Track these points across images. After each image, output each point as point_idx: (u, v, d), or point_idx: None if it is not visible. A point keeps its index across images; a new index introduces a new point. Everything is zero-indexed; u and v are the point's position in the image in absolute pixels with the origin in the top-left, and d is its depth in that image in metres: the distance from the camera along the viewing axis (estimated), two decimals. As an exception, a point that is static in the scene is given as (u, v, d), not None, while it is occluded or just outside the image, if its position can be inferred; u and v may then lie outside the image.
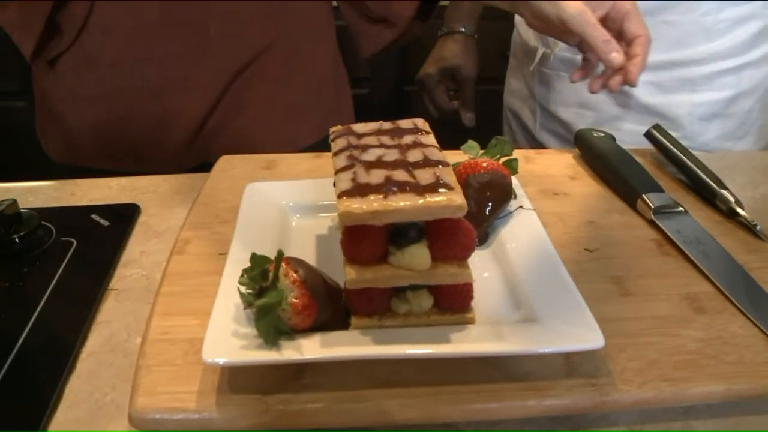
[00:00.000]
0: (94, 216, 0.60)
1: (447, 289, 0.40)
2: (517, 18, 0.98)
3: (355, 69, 0.99)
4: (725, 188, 0.59)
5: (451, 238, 0.39)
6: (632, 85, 0.61)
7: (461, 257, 0.39)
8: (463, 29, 1.04)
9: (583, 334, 0.38)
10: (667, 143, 0.66)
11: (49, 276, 0.52)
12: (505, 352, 0.38)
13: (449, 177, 0.40)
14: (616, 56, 0.60)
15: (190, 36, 0.72)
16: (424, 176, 0.40)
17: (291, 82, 0.80)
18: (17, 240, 0.55)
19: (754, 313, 0.45)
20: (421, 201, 0.37)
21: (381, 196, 0.38)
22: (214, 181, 0.62)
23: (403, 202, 0.37)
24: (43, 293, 0.50)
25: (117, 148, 0.77)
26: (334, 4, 0.86)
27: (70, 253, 0.55)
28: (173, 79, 0.74)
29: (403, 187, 0.38)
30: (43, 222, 0.57)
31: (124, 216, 0.60)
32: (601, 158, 0.63)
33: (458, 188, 0.39)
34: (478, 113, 1.09)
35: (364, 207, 0.37)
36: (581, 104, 0.88)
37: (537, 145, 0.96)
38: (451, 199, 0.37)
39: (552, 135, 0.94)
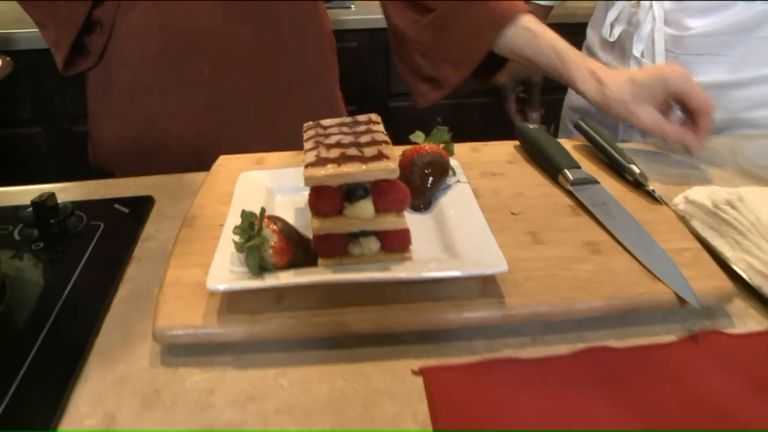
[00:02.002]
0: (116, 205, 0.73)
1: (389, 235, 0.52)
2: (592, 41, 1.10)
3: (349, 87, 1.12)
4: (633, 163, 0.72)
5: (389, 195, 0.51)
6: (692, 154, 0.76)
7: (398, 209, 0.52)
8: None
9: (492, 263, 0.51)
10: (591, 132, 0.79)
11: (83, 250, 0.64)
12: (433, 276, 0.51)
13: (388, 151, 0.52)
14: (693, 147, 0.75)
15: (187, 71, 0.85)
16: (369, 151, 0.53)
17: (281, 120, 0.89)
18: (56, 224, 0.68)
19: (639, 252, 0.58)
20: (364, 167, 0.50)
21: (336, 165, 0.51)
22: (214, 174, 0.75)
23: (351, 168, 0.50)
24: (79, 262, 0.62)
25: (132, 160, 0.91)
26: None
27: (98, 234, 0.67)
28: (172, 108, 0.87)
29: (352, 159, 0.51)
30: (75, 211, 0.70)
31: (141, 205, 0.73)
32: (533, 144, 0.76)
33: (394, 158, 0.51)
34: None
35: (323, 172, 0.50)
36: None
37: None
38: (387, 164, 0.50)
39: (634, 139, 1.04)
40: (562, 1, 1.22)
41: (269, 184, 0.67)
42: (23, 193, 0.72)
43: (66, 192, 0.77)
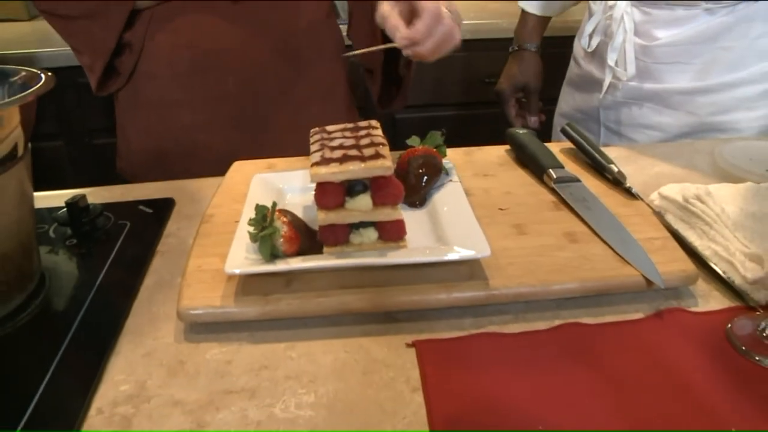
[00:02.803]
0: (141, 206, 0.80)
1: (386, 225, 0.59)
2: (577, 51, 1.17)
3: (357, 99, 1.19)
4: (612, 163, 0.78)
5: (386, 190, 0.58)
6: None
7: (393, 202, 0.58)
8: (529, 46, 1.25)
9: (477, 249, 0.57)
10: (576, 136, 0.85)
11: (112, 246, 0.71)
12: (422, 260, 0.57)
13: (385, 151, 0.59)
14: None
15: (213, 85, 0.92)
16: (368, 152, 0.59)
17: (300, 130, 0.91)
18: (87, 223, 0.75)
19: (613, 241, 0.64)
20: (363, 165, 0.57)
21: (338, 164, 0.57)
22: (230, 179, 0.82)
23: (352, 166, 0.57)
24: (109, 256, 0.69)
25: (159, 169, 0.97)
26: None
27: (125, 232, 0.74)
28: (200, 120, 0.94)
29: (353, 158, 0.58)
30: (104, 212, 0.77)
31: (163, 206, 0.80)
32: (522, 148, 0.83)
33: (389, 157, 0.58)
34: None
35: (327, 170, 0.57)
36: (649, 126, 1.05)
37: None
38: (382, 163, 0.57)
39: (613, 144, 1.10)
40: (559, 13, 1.29)
41: (280, 185, 0.74)
42: (56, 197, 0.79)
43: (95, 195, 0.84)
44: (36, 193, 0.85)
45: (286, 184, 0.74)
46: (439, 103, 1.95)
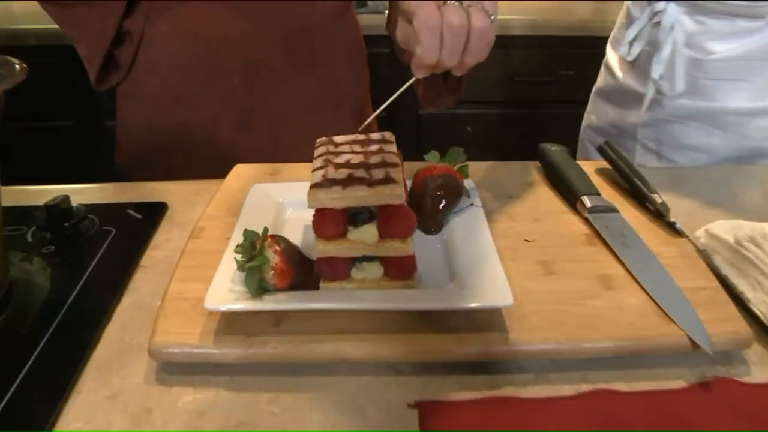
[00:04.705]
0: (130, 211, 0.73)
1: (393, 261, 0.51)
2: (611, 60, 1.06)
3: (379, 94, 1.10)
4: (655, 192, 0.69)
5: (395, 220, 0.50)
6: None
7: (403, 235, 0.51)
8: None
9: (496, 296, 0.49)
10: (614, 156, 0.76)
11: (92, 256, 0.64)
12: (434, 308, 0.50)
13: (396, 174, 0.51)
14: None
15: (216, 82, 0.85)
16: (377, 174, 0.51)
17: (311, 134, 0.85)
18: (68, 227, 0.68)
19: (654, 290, 0.56)
20: (370, 191, 0.49)
21: (341, 187, 0.50)
22: (228, 184, 0.74)
23: (356, 192, 0.49)
24: (87, 268, 0.62)
25: (159, 167, 0.90)
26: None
27: (109, 239, 0.67)
28: (202, 118, 0.87)
29: (359, 181, 0.50)
30: (89, 215, 0.70)
31: (154, 211, 0.73)
32: (553, 167, 0.74)
33: (401, 182, 0.50)
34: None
35: (327, 195, 0.49)
36: (694, 147, 0.95)
37: None
38: (392, 190, 0.49)
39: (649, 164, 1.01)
40: None
41: (280, 198, 0.67)
42: (41, 194, 0.73)
43: (82, 194, 0.77)
44: (24, 188, 0.80)
45: (287, 197, 0.67)
46: (466, 101, 1.86)
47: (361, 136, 0.61)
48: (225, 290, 0.50)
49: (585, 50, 1.21)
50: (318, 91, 0.89)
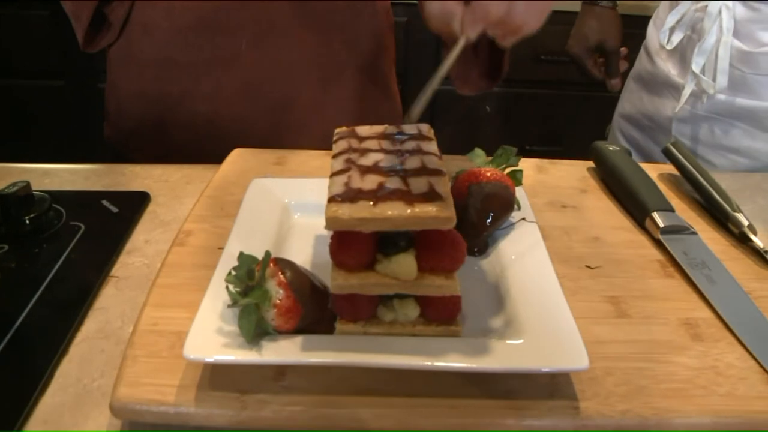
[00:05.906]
0: (104, 202, 0.61)
1: (433, 300, 0.39)
2: (651, 42, 0.95)
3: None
4: (739, 211, 0.57)
5: (440, 250, 0.38)
6: None
7: (449, 269, 0.39)
8: (604, 2, 1.01)
9: (568, 355, 0.38)
10: (684, 161, 0.64)
11: (54, 259, 0.53)
12: (484, 369, 0.38)
13: (442, 187, 0.39)
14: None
15: (223, 46, 0.73)
16: (418, 185, 0.39)
17: (329, 106, 0.77)
18: (28, 221, 0.56)
19: (754, 344, 0.44)
20: (409, 211, 0.37)
21: (370, 203, 0.38)
22: (224, 174, 0.62)
23: (391, 210, 0.37)
24: (46, 276, 0.51)
25: (152, 144, 0.78)
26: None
27: (77, 238, 0.56)
28: (203, 87, 0.74)
29: (393, 195, 0.38)
30: (54, 205, 0.58)
31: (134, 203, 0.61)
32: (613, 172, 0.62)
33: (450, 200, 0.38)
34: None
35: (352, 213, 0.37)
36: (734, 150, 0.85)
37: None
38: (440, 211, 0.37)
39: None
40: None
41: (286, 198, 0.54)
42: (17, 172, 0.60)
43: (51, 177, 0.65)
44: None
45: (295, 197, 0.55)
46: (486, 77, 1.73)
47: (391, 128, 0.48)
48: (211, 330, 0.38)
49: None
50: (337, 56, 0.76)
